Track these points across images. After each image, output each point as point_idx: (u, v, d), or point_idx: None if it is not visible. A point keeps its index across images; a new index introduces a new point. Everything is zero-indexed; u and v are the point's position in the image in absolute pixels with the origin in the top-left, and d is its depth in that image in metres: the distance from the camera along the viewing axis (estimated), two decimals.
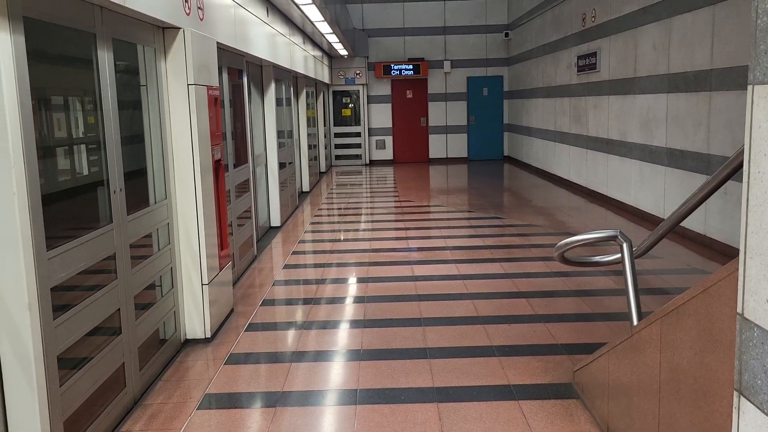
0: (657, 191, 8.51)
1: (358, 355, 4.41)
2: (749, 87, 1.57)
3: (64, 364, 2.93)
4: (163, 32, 4.38)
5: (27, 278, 2.59)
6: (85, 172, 3.65)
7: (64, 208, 3.35)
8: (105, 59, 3.50)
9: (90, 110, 3.56)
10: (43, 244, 2.72)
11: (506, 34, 17.28)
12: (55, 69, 3.42)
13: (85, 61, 3.45)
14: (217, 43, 5.37)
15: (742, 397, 1.60)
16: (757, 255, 1.53)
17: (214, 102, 4.97)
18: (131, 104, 4.13)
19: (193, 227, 4.58)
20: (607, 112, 10.32)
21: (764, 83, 1.50)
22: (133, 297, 3.75)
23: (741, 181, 1.64)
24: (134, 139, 4.15)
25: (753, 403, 1.55)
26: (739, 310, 1.61)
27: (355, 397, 3.77)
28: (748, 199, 1.57)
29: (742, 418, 1.61)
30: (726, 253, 6.71)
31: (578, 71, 11.64)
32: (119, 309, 3.56)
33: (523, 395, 3.71)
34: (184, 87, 4.44)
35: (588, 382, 3.50)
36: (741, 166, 2.58)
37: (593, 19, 10.81)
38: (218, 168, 5.06)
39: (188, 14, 4.57)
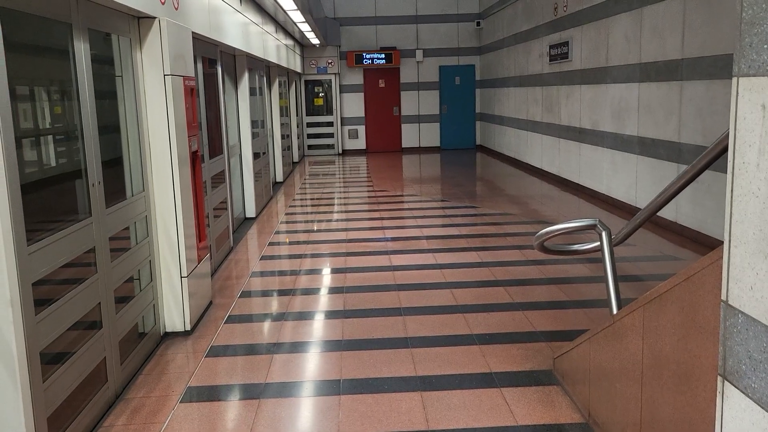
0: (629, 179, 8.65)
1: (339, 345, 4.43)
2: (734, 79, 1.60)
3: (47, 359, 2.90)
4: (139, 22, 4.31)
5: (8, 274, 2.55)
6: (63, 164, 3.58)
7: (43, 202, 3.29)
8: (81, 50, 3.44)
9: (67, 102, 3.50)
10: (23, 239, 2.68)
11: (478, 23, 17.33)
12: (32, 59, 3.34)
13: (62, 51, 3.38)
14: (192, 32, 5.30)
15: (726, 382, 1.65)
16: (742, 244, 1.57)
17: (191, 92, 4.92)
18: (107, 95, 4.06)
19: (171, 219, 4.54)
20: (580, 102, 10.43)
21: (749, 75, 1.54)
22: (113, 291, 3.71)
23: (713, 170, 1.67)
24: (111, 130, 4.09)
25: (737, 388, 1.60)
26: (723, 297, 1.66)
27: (339, 387, 3.79)
28: (732, 190, 1.61)
29: (726, 403, 1.66)
30: (697, 240, 6.86)
31: (550, 60, 11.74)
32: (99, 303, 3.52)
33: (505, 382, 3.76)
34: (161, 77, 4.38)
35: (569, 369, 3.56)
36: (719, 155, 2.63)
37: (565, 8, 10.90)
38: (195, 159, 5.02)
39: (163, 3, 4.50)
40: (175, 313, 4.64)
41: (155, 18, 4.33)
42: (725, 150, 2.55)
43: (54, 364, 3.00)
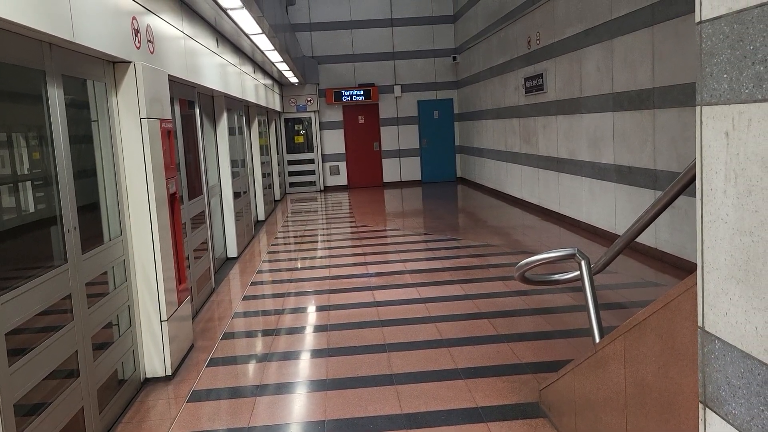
0: (608, 207, 8.73)
1: (323, 385, 4.37)
2: (697, 108, 1.63)
3: (21, 411, 2.82)
4: (114, 66, 4.32)
5: None
6: (38, 210, 3.55)
7: (16, 250, 3.25)
8: (55, 96, 3.44)
9: (41, 148, 3.48)
10: None
11: (454, 58, 17.60)
12: (3, 106, 3.33)
13: (35, 97, 3.38)
14: (168, 75, 5.32)
15: (707, 408, 1.64)
16: (714, 270, 1.58)
17: (168, 135, 4.92)
18: (83, 140, 4.05)
19: (149, 263, 4.49)
20: (556, 132, 10.57)
21: (711, 104, 1.57)
22: (90, 338, 3.64)
23: (689, 195, 1.69)
24: (87, 175, 4.06)
25: (718, 415, 1.59)
26: (699, 323, 1.66)
27: (323, 429, 3.73)
28: (702, 216, 1.62)
29: (709, 430, 1.65)
30: (677, 266, 6.91)
31: (526, 92, 11.91)
32: (76, 351, 3.46)
33: (492, 417, 3.72)
34: (137, 121, 4.38)
35: (555, 401, 3.53)
36: (691, 181, 2.67)
37: (538, 41, 11.10)
38: (173, 201, 4.99)
39: (138, 48, 4.52)
40: (155, 358, 4.56)
41: (130, 62, 4.34)
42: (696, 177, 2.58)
43: (29, 416, 2.92)
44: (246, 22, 7.26)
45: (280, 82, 16.73)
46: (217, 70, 7.93)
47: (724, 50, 1.52)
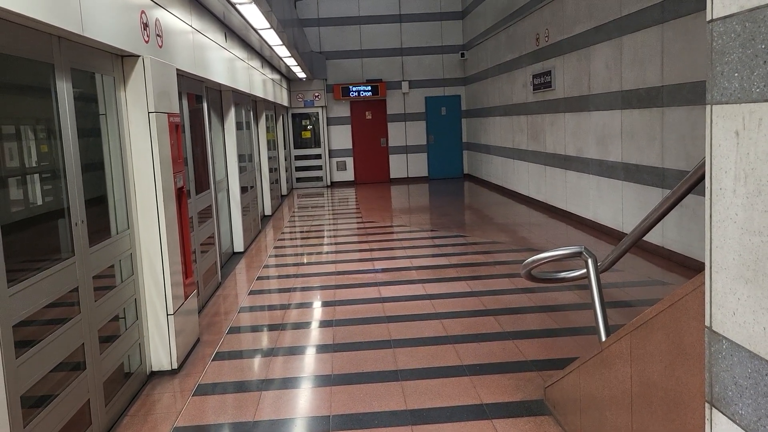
0: (615, 205, 8.70)
1: (329, 380, 4.38)
2: (707, 107, 1.62)
3: (28, 403, 2.84)
4: (122, 60, 4.33)
5: None
6: (46, 203, 3.56)
7: (24, 242, 3.26)
8: (64, 89, 3.45)
9: (49, 141, 3.49)
10: (4, 280, 2.64)
11: (462, 55, 17.56)
12: (12, 99, 3.34)
13: (44, 90, 3.39)
14: (177, 69, 5.33)
15: (714, 408, 1.63)
16: (722, 269, 1.57)
17: (176, 129, 4.92)
18: (91, 134, 4.06)
19: (156, 257, 4.51)
20: (564, 129, 10.53)
21: (721, 103, 1.56)
22: (97, 331, 3.66)
23: (697, 194, 1.68)
24: (95, 169, 4.07)
25: (725, 414, 1.59)
26: (707, 323, 1.65)
27: (329, 423, 3.73)
28: (711, 216, 1.62)
29: (714, 430, 1.64)
30: (684, 265, 6.88)
31: (534, 89, 11.88)
32: (83, 344, 3.47)
33: (496, 414, 3.72)
34: (145, 115, 4.39)
35: (559, 398, 3.53)
36: (699, 180, 2.65)
37: (546, 38, 11.06)
38: (181, 195, 5.00)
39: (147, 42, 4.53)
40: (161, 352, 4.58)
41: (139, 56, 4.35)
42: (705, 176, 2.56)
43: (35, 407, 2.94)
44: (254, 16, 7.26)
45: (287, 77, 16.74)
46: (225, 64, 7.94)
47: (735, 49, 1.51)
